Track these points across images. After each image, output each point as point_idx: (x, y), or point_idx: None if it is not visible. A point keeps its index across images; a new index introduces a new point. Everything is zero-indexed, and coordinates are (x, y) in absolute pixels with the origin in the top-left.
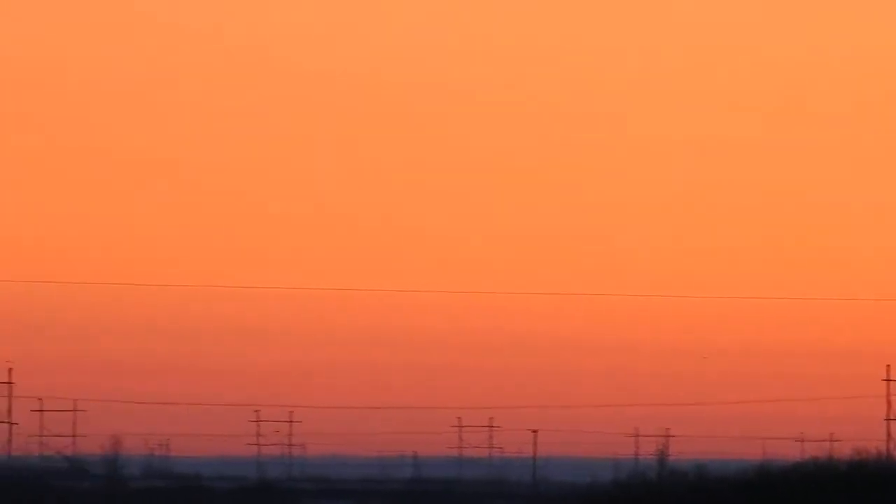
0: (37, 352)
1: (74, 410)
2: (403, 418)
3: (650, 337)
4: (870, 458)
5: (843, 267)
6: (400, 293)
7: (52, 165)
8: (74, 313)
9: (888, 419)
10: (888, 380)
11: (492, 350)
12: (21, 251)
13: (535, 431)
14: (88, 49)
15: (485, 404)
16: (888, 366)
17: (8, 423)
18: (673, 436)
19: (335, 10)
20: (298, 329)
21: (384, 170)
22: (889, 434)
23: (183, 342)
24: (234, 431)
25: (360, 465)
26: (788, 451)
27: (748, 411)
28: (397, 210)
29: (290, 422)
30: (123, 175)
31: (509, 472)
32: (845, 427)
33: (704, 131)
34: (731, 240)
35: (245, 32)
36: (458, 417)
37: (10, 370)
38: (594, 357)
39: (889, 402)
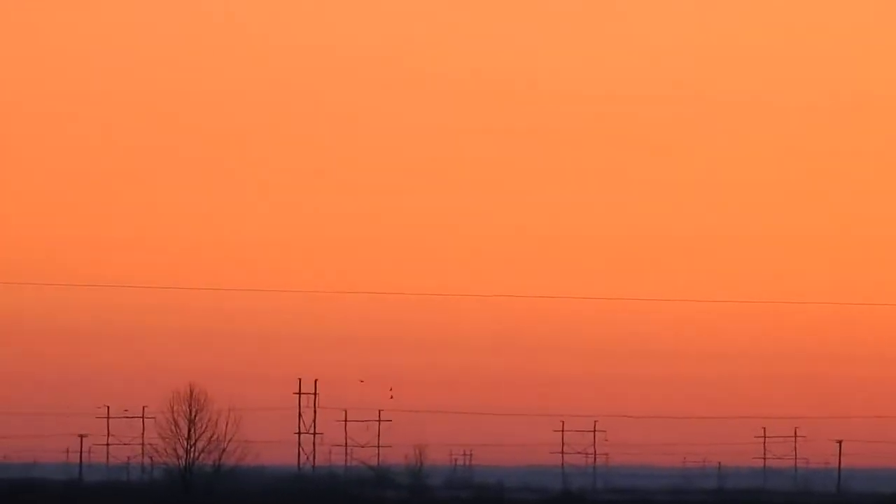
0: (341, 363)
1: (379, 421)
2: (708, 429)
3: None
4: None
5: None
6: (701, 304)
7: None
8: (377, 324)
9: None
10: None
11: (796, 360)
12: (310, 263)
13: (839, 442)
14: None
15: (789, 414)
16: None
17: (313, 433)
18: None
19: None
20: (603, 341)
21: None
22: None
23: (486, 353)
24: (538, 441)
25: (664, 476)
26: None
27: None
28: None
29: (595, 432)
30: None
31: (813, 483)
32: None
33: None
34: None
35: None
36: (763, 428)
37: (315, 381)
38: None
39: None
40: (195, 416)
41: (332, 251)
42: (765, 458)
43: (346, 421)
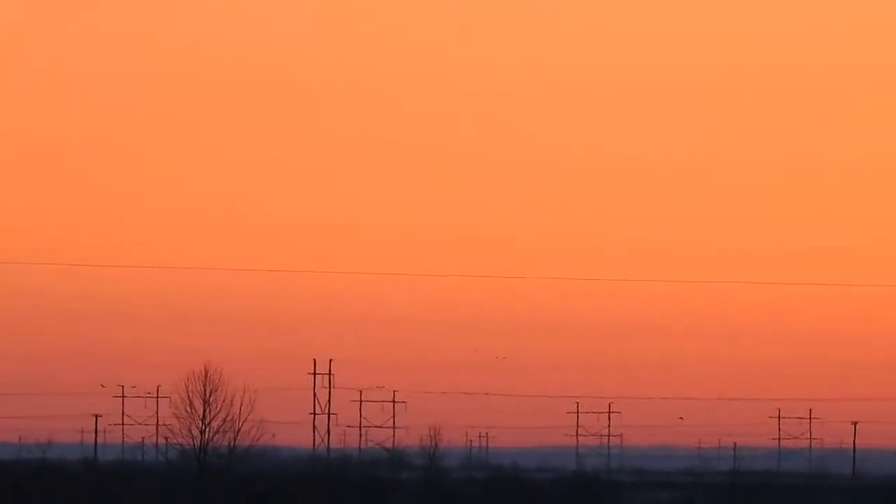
0: (356, 344)
1: (394, 402)
2: (723, 409)
3: None
4: None
5: None
6: (715, 284)
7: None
8: (391, 305)
9: None
10: None
11: (811, 342)
12: (323, 244)
13: (854, 423)
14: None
15: (804, 396)
16: None
17: (328, 414)
18: None
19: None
20: (618, 322)
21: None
22: None
23: (501, 334)
24: (553, 423)
25: (679, 457)
26: None
27: None
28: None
29: (609, 413)
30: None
31: (829, 464)
32: None
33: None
34: None
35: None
36: (778, 409)
37: (330, 361)
38: None
39: None
40: (210, 396)
41: (345, 233)
42: (779, 439)
43: (360, 402)
